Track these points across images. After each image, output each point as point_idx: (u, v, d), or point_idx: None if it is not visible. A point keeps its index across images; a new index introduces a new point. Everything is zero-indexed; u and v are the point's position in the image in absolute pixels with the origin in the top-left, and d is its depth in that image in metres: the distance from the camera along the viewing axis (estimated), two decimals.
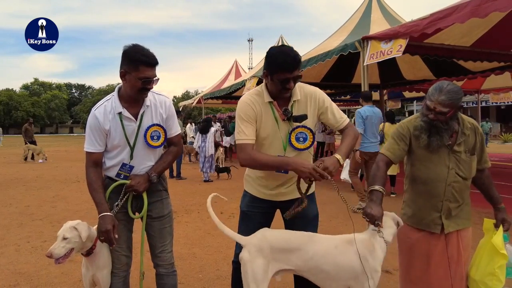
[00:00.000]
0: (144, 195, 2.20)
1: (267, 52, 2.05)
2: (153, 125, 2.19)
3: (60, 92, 72.58)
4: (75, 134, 64.43)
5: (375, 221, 1.93)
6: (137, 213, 2.26)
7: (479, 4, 4.89)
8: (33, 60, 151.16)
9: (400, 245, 2.26)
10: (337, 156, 2.00)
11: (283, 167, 2.03)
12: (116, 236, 2.04)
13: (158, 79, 2.10)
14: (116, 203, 2.15)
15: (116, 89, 2.19)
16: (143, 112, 2.16)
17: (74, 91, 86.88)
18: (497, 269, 2.01)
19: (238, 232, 2.28)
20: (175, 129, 2.32)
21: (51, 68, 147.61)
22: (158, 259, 2.29)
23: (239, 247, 2.30)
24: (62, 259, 2.09)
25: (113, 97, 2.15)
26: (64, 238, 2.08)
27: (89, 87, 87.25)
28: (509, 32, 7.45)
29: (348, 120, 2.22)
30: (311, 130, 2.16)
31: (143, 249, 2.30)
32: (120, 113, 2.12)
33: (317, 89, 2.20)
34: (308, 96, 2.15)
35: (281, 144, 2.14)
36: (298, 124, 2.13)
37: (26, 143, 14.93)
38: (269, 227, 2.21)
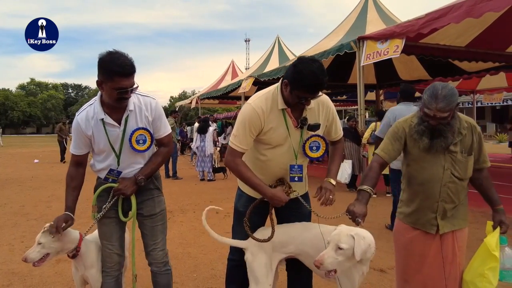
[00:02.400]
0: (133, 198, 2.19)
1: (296, 66, 1.92)
2: (138, 129, 2.14)
3: (57, 92, 72.30)
4: (72, 134, 64.09)
5: (355, 218, 1.94)
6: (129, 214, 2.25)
7: (473, 4, 4.92)
8: (29, 60, 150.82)
9: (396, 243, 2.26)
10: (331, 180, 2.15)
11: (260, 193, 2.11)
12: (62, 231, 2.05)
13: (137, 86, 2.04)
14: (104, 205, 2.16)
15: (99, 94, 2.14)
16: (127, 116, 2.12)
17: (70, 91, 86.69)
18: (486, 271, 1.97)
19: (234, 233, 2.34)
20: (164, 129, 2.26)
21: (47, 68, 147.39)
22: (150, 257, 2.29)
23: None
24: (38, 263, 2.10)
25: (96, 102, 2.12)
26: (39, 243, 2.09)
27: (85, 87, 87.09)
28: (503, 32, 7.48)
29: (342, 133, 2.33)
30: (324, 139, 2.15)
31: (134, 250, 2.28)
32: (102, 119, 2.09)
33: (327, 98, 2.17)
34: (320, 104, 2.11)
35: (292, 153, 2.12)
36: (312, 133, 2.11)
37: (66, 143, 14.88)
38: (263, 225, 2.25)
